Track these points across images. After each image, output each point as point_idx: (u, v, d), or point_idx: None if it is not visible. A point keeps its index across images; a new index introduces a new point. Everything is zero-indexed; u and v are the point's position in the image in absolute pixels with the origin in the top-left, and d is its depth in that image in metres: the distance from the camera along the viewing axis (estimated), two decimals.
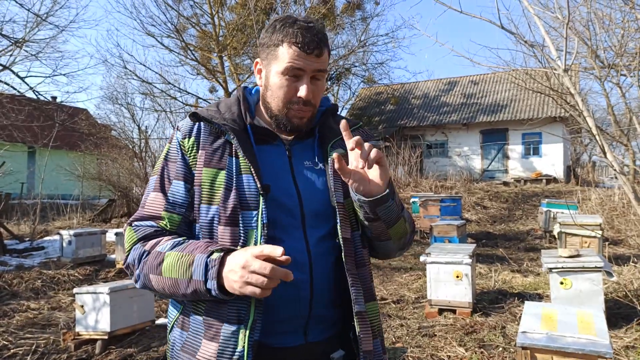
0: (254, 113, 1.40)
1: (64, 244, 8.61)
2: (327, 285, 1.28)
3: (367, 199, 1.22)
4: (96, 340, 4.66)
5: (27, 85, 11.47)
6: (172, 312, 1.34)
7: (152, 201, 1.31)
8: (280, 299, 1.22)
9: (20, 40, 11.05)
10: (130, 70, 15.98)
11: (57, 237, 9.92)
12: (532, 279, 6.86)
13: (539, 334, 2.71)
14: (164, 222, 1.28)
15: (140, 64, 28.51)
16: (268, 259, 1.06)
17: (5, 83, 11.23)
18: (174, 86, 16.66)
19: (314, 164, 1.37)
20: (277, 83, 1.28)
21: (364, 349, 1.25)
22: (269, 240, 1.22)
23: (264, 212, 1.22)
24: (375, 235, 1.33)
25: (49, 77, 12.21)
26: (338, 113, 1.52)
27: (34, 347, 4.65)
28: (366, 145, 1.18)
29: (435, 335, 4.69)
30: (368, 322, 1.29)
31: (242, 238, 1.22)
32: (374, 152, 1.17)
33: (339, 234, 1.27)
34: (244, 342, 1.17)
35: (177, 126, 1.35)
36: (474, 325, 4.84)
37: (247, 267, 1.06)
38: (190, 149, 1.29)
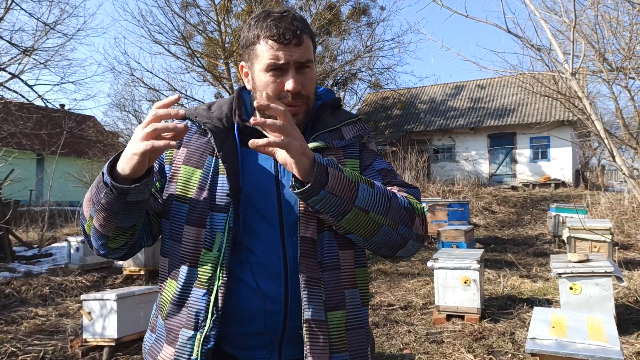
0: (250, 113, 1.32)
1: (72, 251, 8.65)
2: None
3: (293, 191, 1.10)
4: (103, 346, 4.66)
5: (36, 93, 11.63)
6: (151, 315, 1.34)
7: None
8: (250, 311, 1.17)
9: (29, 48, 11.17)
10: (138, 78, 16.12)
11: (64, 243, 9.96)
12: (541, 284, 6.79)
13: (549, 340, 2.67)
14: None
15: (148, 71, 28.66)
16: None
17: (14, 91, 11.40)
18: (181, 93, 16.75)
19: None
20: (263, 81, 1.22)
21: None
22: (236, 245, 1.17)
23: (231, 216, 1.16)
24: (336, 228, 1.19)
25: (57, 84, 12.37)
26: (342, 107, 1.41)
27: (41, 354, 4.66)
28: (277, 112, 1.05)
29: (444, 341, 4.65)
30: (326, 332, 1.15)
31: (207, 240, 1.17)
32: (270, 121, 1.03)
33: (298, 231, 1.16)
34: (198, 350, 1.13)
35: None
36: (483, 332, 4.79)
37: (142, 124, 1.04)
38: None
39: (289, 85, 1.19)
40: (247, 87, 1.31)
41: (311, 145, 1.22)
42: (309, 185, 1.07)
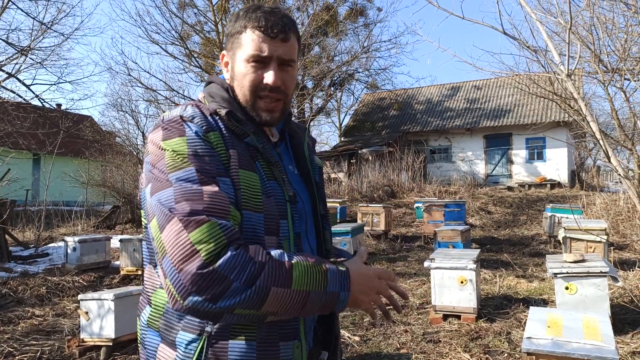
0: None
1: (69, 251, 8.63)
2: None
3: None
4: (101, 346, 4.67)
5: (33, 92, 11.62)
6: (189, 349, 1.08)
7: (214, 195, 1.03)
8: None
9: (26, 48, 11.16)
10: (135, 78, 16.18)
11: (61, 243, 9.94)
12: (537, 284, 6.83)
13: (544, 339, 2.70)
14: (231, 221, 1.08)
15: (145, 71, 28.83)
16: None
17: (11, 91, 11.35)
18: (178, 93, 16.80)
19: (294, 168, 1.30)
20: (243, 71, 1.18)
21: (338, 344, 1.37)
22: (298, 251, 1.16)
23: (294, 221, 1.17)
24: None
25: (54, 84, 12.34)
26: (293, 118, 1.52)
27: (38, 354, 4.66)
28: None
29: (440, 341, 4.67)
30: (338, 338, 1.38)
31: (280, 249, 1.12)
32: None
33: (327, 244, 1.32)
34: (300, 356, 1.15)
35: (182, 116, 1.11)
36: (479, 331, 4.82)
37: (381, 292, 1.16)
38: (217, 144, 1.10)
39: (269, 78, 1.17)
40: (225, 76, 1.26)
41: (318, 161, 1.37)
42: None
